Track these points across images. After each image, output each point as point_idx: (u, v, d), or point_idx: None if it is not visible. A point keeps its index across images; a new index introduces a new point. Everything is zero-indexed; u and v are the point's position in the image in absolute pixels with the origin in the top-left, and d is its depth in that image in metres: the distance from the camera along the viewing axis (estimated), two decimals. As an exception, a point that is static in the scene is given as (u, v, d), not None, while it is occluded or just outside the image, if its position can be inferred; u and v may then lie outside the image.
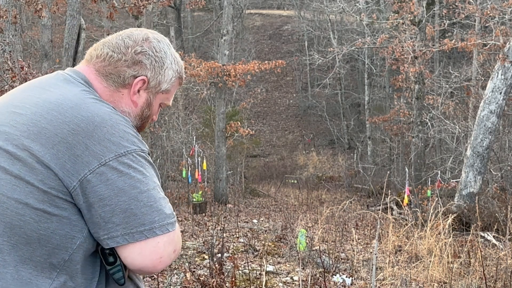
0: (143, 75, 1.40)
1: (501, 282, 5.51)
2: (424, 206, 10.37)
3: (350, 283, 5.65)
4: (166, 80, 1.44)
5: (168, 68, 1.44)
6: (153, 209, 1.22)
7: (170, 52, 1.46)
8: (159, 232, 1.23)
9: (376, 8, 21.76)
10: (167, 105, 1.52)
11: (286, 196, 16.68)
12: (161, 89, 1.44)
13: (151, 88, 1.42)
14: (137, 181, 1.22)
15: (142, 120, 1.44)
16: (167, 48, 1.45)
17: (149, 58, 1.40)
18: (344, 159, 24.10)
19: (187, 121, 16.52)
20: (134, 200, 1.21)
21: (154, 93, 1.44)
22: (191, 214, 10.24)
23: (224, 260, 5.81)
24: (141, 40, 1.41)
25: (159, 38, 1.45)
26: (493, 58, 13.50)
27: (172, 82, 1.46)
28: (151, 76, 1.41)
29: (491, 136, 10.78)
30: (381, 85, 26.42)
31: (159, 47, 1.43)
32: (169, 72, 1.44)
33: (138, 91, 1.40)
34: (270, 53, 33.43)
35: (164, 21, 24.28)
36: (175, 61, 1.47)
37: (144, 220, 1.21)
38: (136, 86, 1.39)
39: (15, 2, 8.00)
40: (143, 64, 1.40)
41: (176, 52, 1.50)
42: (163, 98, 1.47)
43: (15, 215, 1.19)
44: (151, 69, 1.41)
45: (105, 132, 1.23)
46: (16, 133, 1.23)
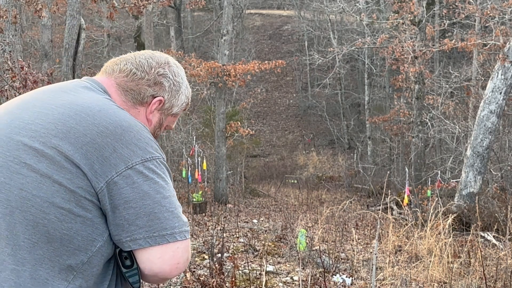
0: (161, 96, 1.45)
1: (501, 282, 5.51)
2: (424, 206, 10.37)
3: (350, 283, 5.65)
4: (178, 104, 1.50)
5: (182, 93, 1.50)
6: (174, 215, 1.26)
7: (185, 79, 1.53)
8: (179, 238, 1.26)
9: (376, 8, 21.76)
10: (170, 128, 1.57)
11: (286, 196, 16.68)
12: (172, 112, 1.50)
13: (165, 109, 1.48)
14: (160, 186, 1.25)
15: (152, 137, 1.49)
16: (183, 74, 1.52)
17: (169, 81, 1.46)
18: (344, 159, 24.10)
19: (187, 121, 16.52)
20: (158, 204, 1.24)
21: (166, 114, 1.49)
22: (191, 214, 10.24)
23: (224, 260, 5.81)
24: (163, 63, 1.47)
25: (177, 64, 1.52)
26: (493, 58, 13.51)
27: (182, 107, 1.52)
28: (167, 98, 1.47)
29: (491, 136, 10.78)
30: (381, 85, 26.42)
31: (177, 72, 1.49)
32: (182, 97, 1.51)
33: (154, 111, 1.46)
34: (270, 53, 33.43)
35: (164, 21, 24.29)
36: (188, 88, 1.54)
37: (166, 224, 1.24)
38: (153, 106, 1.45)
39: (15, 2, 8.00)
40: (163, 85, 1.45)
41: (186, 79, 1.57)
42: (170, 121, 1.53)
43: (39, 213, 1.19)
44: (169, 91, 1.47)
45: (132, 137, 1.26)
46: (43, 131, 1.23)
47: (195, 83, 16.14)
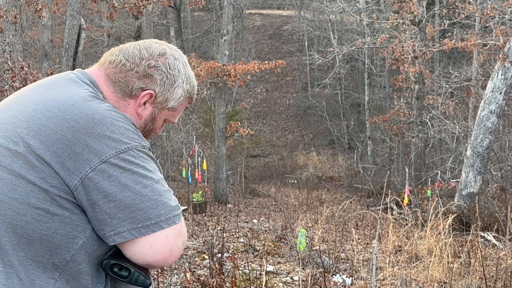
0: (151, 89, 1.39)
1: (501, 282, 5.51)
2: (424, 206, 10.37)
3: (350, 283, 5.65)
4: (174, 98, 1.43)
5: (178, 87, 1.43)
6: (158, 202, 1.22)
7: (185, 71, 1.44)
8: (165, 225, 1.22)
9: (376, 8, 21.76)
10: (172, 122, 1.52)
11: (286, 196, 16.68)
12: (168, 106, 1.44)
13: (158, 103, 1.42)
14: (139, 175, 1.22)
15: (144, 133, 1.43)
16: (182, 67, 1.44)
17: (160, 74, 1.40)
18: (344, 159, 24.10)
19: (187, 121, 16.52)
20: (139, 195, 1.20)
21: (160, 108, 1.43)
22: (191, 214, 10.24)
23: (224, 260, 5.81)
24: (157, 55, 1.40)
25: (176, 55, 1.44)
26: (493, 58, 13.51)
27: (180, 101, 1.45)
28: (159, 91, 1.40)
29: (491, 136, 10.78)
30: (381, 85, 26.42)
31: (173, 65, 1.42)
32: (178, 90, 1.43)
33: (144, 104, 1.40)
34: (270, 53, 33.43)
35: (164, 21, 24.29)
36: (188, 80, 1.45)
37: (150, 214, 1.21)
38: (142, 99, 1.39)
39: (15, 2, 8.00)
40: (154, 78, 1.39)
41: (192, 72, 1.49)
42: (169, 115, 1.47)
43: (16, 215, 1.18)
44: (160, 84, 1.40)
45: (105, 129, 1.22)
46: (17, 130, 1.22)
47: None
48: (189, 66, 1.49)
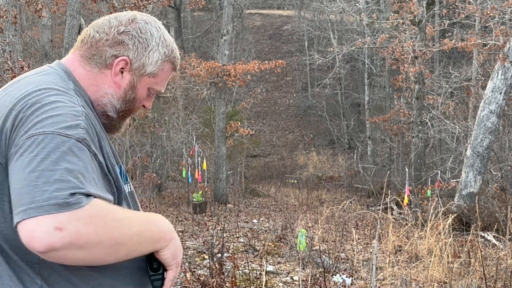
0: (124, 56, 1.38)
1: (501, 282, 5.51)
2: (424, 206, 10.36)
3: (350, 283, 5.65)
4: (151, 63, 1.40)
5: (153, 50, 1.40)
6: (36, 188, 1.12)
7: (159, 35, 1.41)
8: (34, 213, 1.11)
9: (376, 8, 21.76)
10: (157, 91, 1.48)
11: (286, 196, 16.68)
12: (146, 72, 1.41)
13: (135, 70, 1.40)
14: (32, 160, 1.15)
15: (126, 103, 1.42)
16: (155, 30, 1.41)
17: (132, 39, 1.38)
18: (344, 159, 24.10)
19: (187, 121, 16.51)
20: (23, 179, 1.14)
21: (138, 75, 1.41)
22: (191, 214, 10.24)
23: (224, 260, 5.81)
24: (126, 21, 1.40)
25: (147, 20, 1.42)
26: (493, 58, 13.50)
27: (158, 65, 1.42)
28: (134, 57, 1.38)
29: (491, 136, 10.78)
30: (381, 85, 26.41)
31: (145, 29, 1.40)
32: (154, 54, 1.40)
33: (121, 73, 1.39)
34: (270, 53, 33.43)
35: (164, 21, 24.26)
36: (164, 44, 1.42)
37: (23, 200, 1.13)
38: (117, 66, 1.38)
39: (15, 2, 8.00)
40: (125, 44, 1.38)
41: (169, 37, 1.45)
42: (151, 83, 1.44)
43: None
44: (133, 50, 1.38)
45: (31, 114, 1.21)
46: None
47: (195, 83, 16.15)
48: (165, 31, 1.45)
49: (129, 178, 1.55)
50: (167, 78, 1.47)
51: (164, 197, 12.48)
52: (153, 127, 13.94)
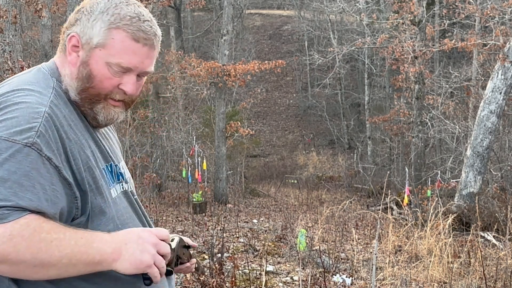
0: (74, 32, 1.35)
1: (501, 282, 5.51)
2: (424, 206, 10.36)
3: (350, 283, 5.65)
4: (96, 33, 1.33)
5: (96, 19, 1.33)
6: None
7: (107, 5, 1.34)
8: None
9: (376, 8, 21.75)
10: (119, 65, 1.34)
11: (286, 196, 16.68)
12: (93, 44, 1.33)
13: (84, 44, 1.34)
14: None
15: (82, 81, 1.35)
16: (104, 2, 1.34)
17: (81, 15, 1.36)
18: (344, 159, 24.10)
19: (187, 121, 16.51)
20: None
21: (88, 50, 1.34)
22: (191, 214, 10.23)
23: (224, 260, 5.81)
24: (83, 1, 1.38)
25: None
26: (493, 58, 13.50)
27: (103, 33, 1.32)
28: (81, 31, 1.34)
29: (491, 136, 10.78)
30: (381, 85, 26.41)
31: (94, 2, 1.36)
32: (97, 23, 1.33)
33: (76, 52, 1.35)
34: (270, 53, 33.43)
35: (164, 21, 24.26)
36: (110, 13, 1.33)
37: None
38: (69, 44, 1.36)
39: (15, 2, 8.00)
40: (78, 21, 1.36)
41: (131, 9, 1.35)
42: (104, 55, 1.33)
43: None
44: (81, 25, 1.35)
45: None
46: None
47: (195, 83, 16.15)
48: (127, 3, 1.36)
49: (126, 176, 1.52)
50: (126, 49, 1.34)
51: (164, 197, 12.48)
52: (153, 127, 13.94)
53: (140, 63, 1.36)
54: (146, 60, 1.37)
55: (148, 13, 1.38)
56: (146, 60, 1.37)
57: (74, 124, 1.33)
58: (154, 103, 15.11)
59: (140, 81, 1.41)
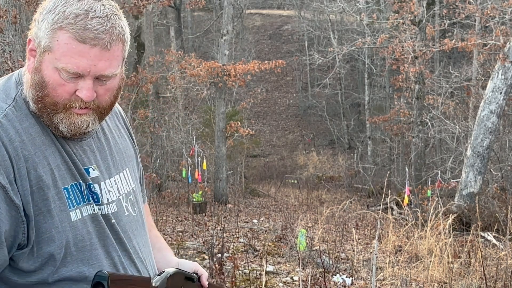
0: (30, 35, 1.25)
1: (501, 282, 5.50)
2: (424, 206, 10.36)
3: (350, 283, 5.65)
4: (43, 35, 1.20)
5: (44, 20, 1.20)
6: None
7: (56, 3, 1.21)
8: None
9: (376, 8, 21.75)
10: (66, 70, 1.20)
11: (286, 196, 16.68)
12: (42, 47, 1.20)
13: (37, 48, 1.22)
14: None
15: (35, 88, 1.23)
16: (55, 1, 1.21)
17: (37, 15, 1.24)
18: (344, 159, 24.10)
19: (187, 121, 16.51)
20: None
21: (39, 54, 1.21)
22: (191, 214, 10.23)
23: (224, 260, 5.81)
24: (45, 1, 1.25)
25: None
26: (493, 58, 13.49)
27: (48, 35, 1.19)
28: (34, 34, 1.23)
29: (491, 136, 10.78)
30: (381, 85, 26.41)
31: (48, 2, 1.23)
32: (43, 24, 1.20)
33: (34, 57, 1.24)
34: (270, 53, 33.42)
35: (164, 21, 24.27)
36: (55, 11, 1.19)
37: None
38: (27, 49, 1.25)
39: (15, 2, 7.99)
40: (35, 22, 1.24)
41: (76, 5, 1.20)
42: (52, 60, 1.20)
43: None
44: (35, 25, 1.23)
45: None
46: None
47: (195, 83, 16.14)
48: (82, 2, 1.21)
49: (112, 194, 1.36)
50: (71, 52, 1.18)
51: (164, 197, 12.48)
52: (153, 127, 13.94)
53: (91, 66, 1.19)
54: (99, 63, 1.20)
55: (105, 8, 1.22)
56: (99, 63, 1.20)
57: (32, 138, 1.23)
58: (154, 103, 15.10)
59: (105, 86, 1.25)
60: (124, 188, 1.42)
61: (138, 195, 1.48)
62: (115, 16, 1.23)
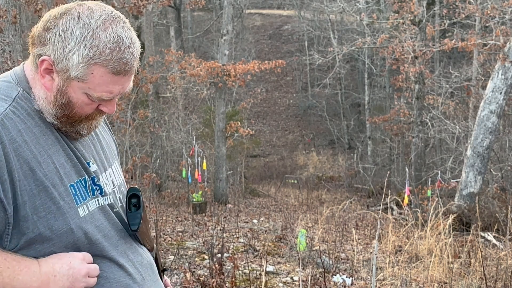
0: (46, 56, 1.23)
1: (501, 282, 5.50)
2: (424, 206, 10.36)
3: (350, 283, 5.65)
4: (73, 66, 1.22)
5: (72, 51, 1.21)
6: None
7: (84, 33, 1.21)
8: None
9: (376, 8, 21.75)
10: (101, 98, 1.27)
11: (286, 196, 16.68)
12: (71, 76, 1.23)
13: (60, 72, 1.24)
14: None
15: (61, 108, 1.27)
16: (81, 27, 1.21)
17: (53, 37, 1.22)
18: (344, 159, 24.10)
19: (187, 121, 16.51)
20: None
21: (65, 79, 1.24)
22: (191, 214, 10.23)
23: (224, 260, 5.81)
24: (55, 15, 1.24)
25: (81, 14, 1.22)
26: (493, 58, 13.49)
27: (82, 69, 1.22)
28: (56, 58, 1.23)
29: (492, 136, 10.78)
30: (381, 85, 26.41)
31: (68, 26, 1.21)
32: (73, 56, 1.21)
33: (49, 74, 1.26)
34: (270, 53, 33.42)
35: (164, 21, 24.28)
36: (88, 45, 1.21)
37: None
38: (41, 67, 1.25)
39: (15, 2, 7.99)
40: (48, 43, 1.23)
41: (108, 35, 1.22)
42: (83, 88, 1.25)
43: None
44: (54, 50, 1.22)
45: None
46: None
47: (195, 83, 16.14)
48: (104, 27, 1.23)
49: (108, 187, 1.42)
50: (106, 83, 1.25)
51: (164, 197, 12.48)
52: (153, 127, 13.93)
53: (120, 90, 1.29)
54: (126, 84, 1.30)
55: (125, 31, 1.26)
56: (126, 84, 1.30)
57: (35, 138, 1.25)
58: (154, 103, 15.10)
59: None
60: (117, 180, 1.48)
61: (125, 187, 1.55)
62: (133, 33, 1.29)
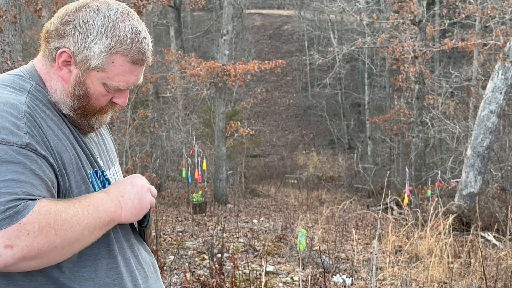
0: (66, 48, 1.29)
1: (501, 282, 5.50)
2: (424, 206, 10.36)
3: (350, 283, 5.64)
4: (95, 56, 1.28)
5: (94, 41, 1.27)
6: None
7: (104, 23, 1.28)
8: None
9: (376, 8, 21.75)
10: (116, 88, 1.35)
11: (286, 196, 16.67)
12: (91, 66, 1.29)
13: (79, 63, 1.30)
14: None
15: (79, 99, 1.33)
16: (101, 18, 1.28)
17: (73, 29, 1.28)
18: (344, 159, 24.10)
19: (187, 121, 16.51)
20: None
21: (84, 69, 1.30)
22: (191, 214, 10.23)
23: (224, 260, 5.81)
24: (72, 9, 1.30)
25: (99, 7, 1.29)
26: (493, 58, 13.49)
27: (103, 58, 1.29)
28: (76, 49, 1.28)
29: (492, 136, 10.77)
30: (381, 85, 26.41)
31: (89, 17, 1.28)
32: (96, 46, 1.27)
33: (67, 66, 1.31)
34: (270, 53, 33.42)
35: (164, 21, 24.28)
36: (109, 35, 1.28)
37: None
38: (59, 59, 1.30)
39: (15, 2, 7.99)
40: (67, 35, 1.28)
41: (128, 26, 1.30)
42: (102, 78, 1.31)
43: None
44: (74, 41, 1.28)
45: None
46: None
47: (195, 83, 16.14)
48: (127, 20, 1.31)
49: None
50: (125, 72, 1.32)
51: (164, 197, 12.48)
52: (153, 127, 13.93)
53: (135, 80, 1.36)
54: (139, 75, 1.37)
55: (141, 26, 1.34)
56: (139, 75, 1.37)
57: (57, 125, 1.29)
58: (154, 103, 15.11)
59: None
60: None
61: None
62: (145, 27, 1.37)
